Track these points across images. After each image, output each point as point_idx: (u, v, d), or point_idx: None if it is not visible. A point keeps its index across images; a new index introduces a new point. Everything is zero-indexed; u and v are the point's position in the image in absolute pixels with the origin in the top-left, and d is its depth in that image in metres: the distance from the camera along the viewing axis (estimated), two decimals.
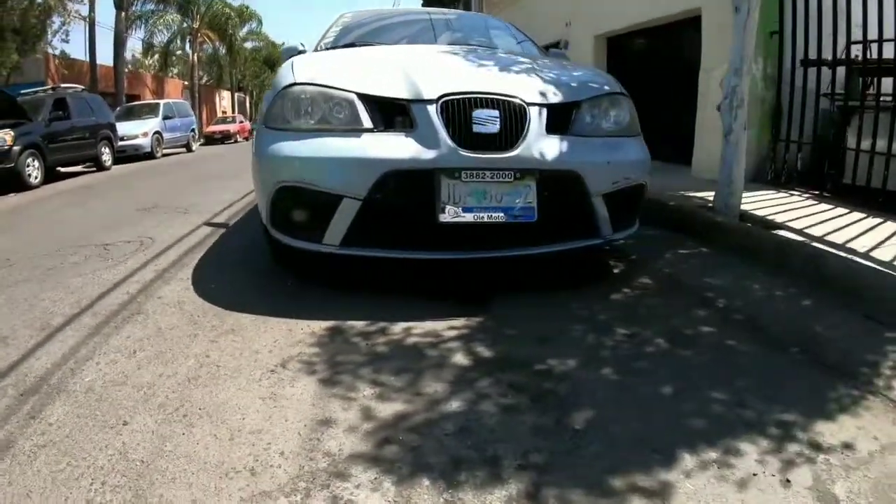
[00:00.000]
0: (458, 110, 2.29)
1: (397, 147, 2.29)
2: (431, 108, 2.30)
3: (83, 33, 16.70)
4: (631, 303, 2.60)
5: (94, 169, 11.70)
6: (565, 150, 2.40)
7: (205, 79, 31.08)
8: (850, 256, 2.78)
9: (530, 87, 2.50)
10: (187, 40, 26.85)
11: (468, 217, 2.25)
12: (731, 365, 1.98)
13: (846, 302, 2.49)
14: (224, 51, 29.07)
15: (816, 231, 3.35)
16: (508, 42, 3.93)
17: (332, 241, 2.41)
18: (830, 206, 4.15)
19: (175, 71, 30.40)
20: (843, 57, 4.49)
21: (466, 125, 2.28)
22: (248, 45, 33.57)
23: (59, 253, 3.89)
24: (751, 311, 2.46)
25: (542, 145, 2.34)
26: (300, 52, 3.56)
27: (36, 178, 9.24)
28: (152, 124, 14.59)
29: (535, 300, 2.59)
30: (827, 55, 4.55)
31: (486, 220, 2.26)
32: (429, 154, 2.26)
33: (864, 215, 3.82)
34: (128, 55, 24.96)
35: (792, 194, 4.74)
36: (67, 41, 20.90)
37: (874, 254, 2.84)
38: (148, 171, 11.25)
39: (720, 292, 2.69)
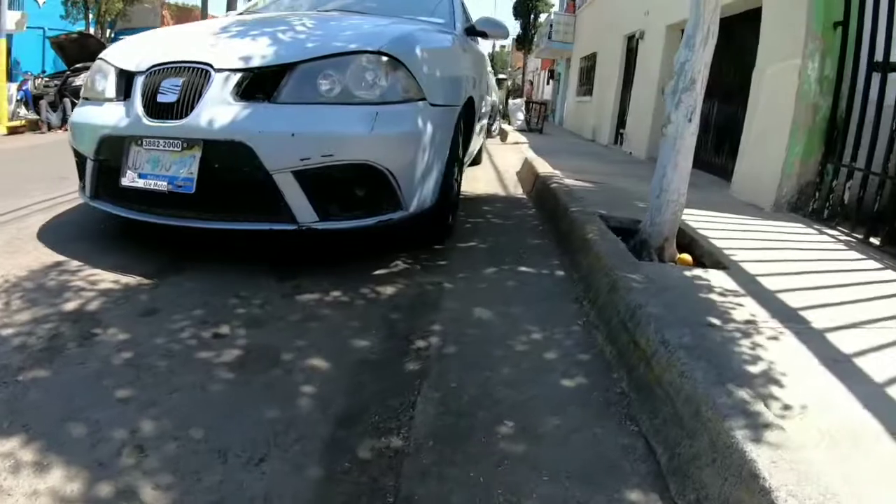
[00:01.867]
0: (154, 80, 2.32)
1: (112, 115, 2.40)
2: (140, 79, 2.36)
3: None
4: (298, 309, 2.04)
5: None
6: (240, 118, 2.14)
7: None
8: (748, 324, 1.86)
9: (239, 51, 2.30)
10: None
11: (140, 183, 2.27)
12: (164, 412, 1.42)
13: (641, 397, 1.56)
14: None
15: (774, 283, 2.38)
16: (409, 6, 3.44)
17: (88, 195, 2.63)
18: (859, 258, 3.04)
19: None
20: None
21: (155, 94, 2.29)
22: None
23: (32, 180, 4.19)
24: (439, 368, 1.69)
25: (217, 113, 2.15)
26: None
27: None
28: None
29: (241, 275, 2.31)
30: None
31: (152, 187, 2.24)
32: (124, 122, 2.34)
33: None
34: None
35: (822, 233, 3.62)
36: None
37: (817, 324, 1.91)
38: None
39: (457, 329, 1.96)
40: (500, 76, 10.81)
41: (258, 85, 2.20)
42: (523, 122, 13.63)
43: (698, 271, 2.44)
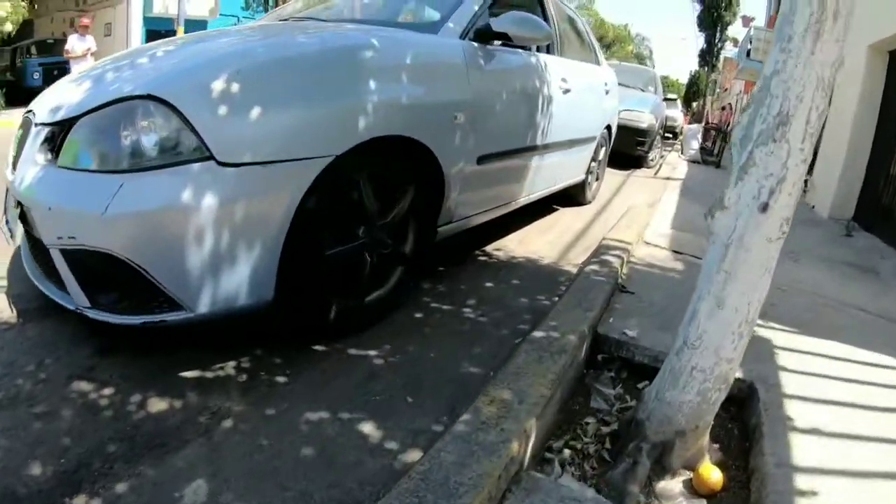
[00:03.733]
0: (20, 129, 2.04)
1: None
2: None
3: None
4: (48, 400, 1.64)
5: None
6: (32, 181, 1.73)
7: None
8: None
9: (62, 97, 1.82)
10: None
11: (4, 230, 2.09)
12: None
13: None
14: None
15: None
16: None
17: None
18: None
19: None
20: None
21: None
22: None
23: None
24: None
25: (25, 172, 1.78)
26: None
27: None
28: None
29: (86, 338, 1.94)
30: None
31: (3, 236, 2.08)
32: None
33: None
34: None
35: None
36: None
37: None
38: None
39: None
40: (670, 97, 9.16)
41: (58, 141, 1.74)
42: (697, 153, 11.61)
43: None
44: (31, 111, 1.97)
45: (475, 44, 2.41)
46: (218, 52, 1.74)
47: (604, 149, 4.83)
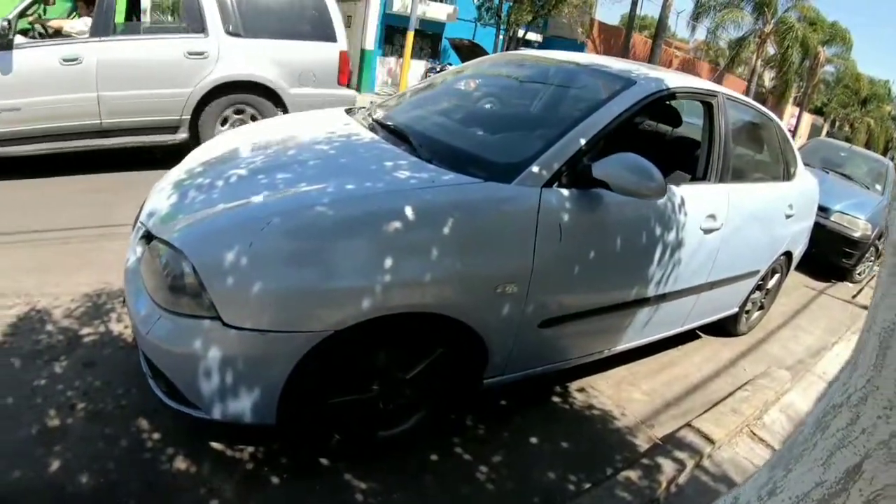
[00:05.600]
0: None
1: None
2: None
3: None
4: None
5: None
6: (127, 266, 2.19)
7: (768, 85, 30.07)
8: None
9: (158, 202, 2.17)
10: (755, 42, 25.51)
11: None
12: None
13: None
14: (800, 62, 25.93)
15: None
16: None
17: None
18: None
19: (739, 70, 30.61)
20: None
21: None
22: (829, 67, 30.36)
23: None
24: None
25: (130, 254, 2.21)
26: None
27: None
28: None
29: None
30: None
31: None
32: None
33: None
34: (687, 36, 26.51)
35: None
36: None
37: None
38: None
39: None
40: None
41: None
42: None
43: None
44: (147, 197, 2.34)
45: (565, 192, 2.13)
46: (251, 210, 1.88)
47: (777, 276, 4.19)
